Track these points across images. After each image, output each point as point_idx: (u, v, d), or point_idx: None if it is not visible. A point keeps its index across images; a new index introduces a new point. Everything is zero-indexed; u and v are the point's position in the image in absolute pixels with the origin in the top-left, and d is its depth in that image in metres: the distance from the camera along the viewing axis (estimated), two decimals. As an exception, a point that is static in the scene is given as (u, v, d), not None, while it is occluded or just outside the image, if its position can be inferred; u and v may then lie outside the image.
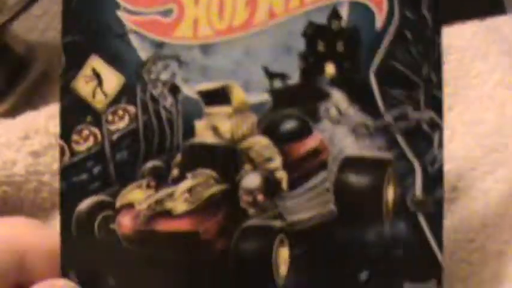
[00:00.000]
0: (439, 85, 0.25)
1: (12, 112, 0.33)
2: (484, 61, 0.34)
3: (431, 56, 0.25)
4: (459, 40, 0.35)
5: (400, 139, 0.25)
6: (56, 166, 0.31)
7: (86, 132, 0.25)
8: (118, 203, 0.25)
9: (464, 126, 0.32)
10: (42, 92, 0.37)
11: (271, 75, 0.25)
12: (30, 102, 0.34)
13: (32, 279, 0.26)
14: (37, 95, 0.36)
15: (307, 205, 0.25)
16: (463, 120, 0.32)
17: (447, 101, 0.32)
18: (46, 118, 0.31)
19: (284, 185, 0.25)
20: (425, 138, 0.25)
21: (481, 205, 0.30)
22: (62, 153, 0.26)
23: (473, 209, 0.30)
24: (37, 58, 0.38)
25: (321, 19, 0.25)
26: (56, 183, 0.30)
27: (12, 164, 0.31)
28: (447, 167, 0.30)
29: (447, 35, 0.34)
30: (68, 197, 0.25)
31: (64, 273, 0.26)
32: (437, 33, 0.25)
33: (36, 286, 0.26)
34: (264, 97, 0.25)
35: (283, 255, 0.25)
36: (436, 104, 0.25)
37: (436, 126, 0.25)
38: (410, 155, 0.25)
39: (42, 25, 0.40)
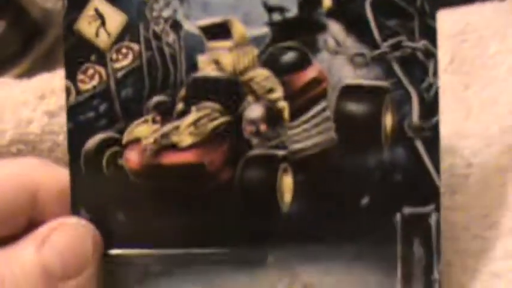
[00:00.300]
0: (432, 15, 0.26)
1: (28, 75, 0.33)
2: (501, 42, 0.34)
3: (425, -14, 0.26)
4: (478, 19, 0.35)
5: (396, 68, 0.26)
6: None
7: (91, 71, 0.26)
8: (125, 139, 0.26)
9: (480, 105, 0.32)
10: (57, 56, 0.37)
11: (270, 8, 0.26)
12: (45, 66, 0.34)
13: (44, 217, 0.27)
14: (52, 59, 0.37)
15: (308, 133, 0.26)
16: (479, 98, 0.32)
17: (464, 80, 0.33)
18: (62, 79, 0.31)
19: (286, 114, 0.26)
20: (421, 66, 0.26)
21: (496, 183, 0.30)
22: (68, 93, 0.26)
23: (488, 185, 0.30)
24: (53, 23, 0.39)
25: (317, -48, 0.26)
26: None
27: (28, 123, 0.31)
28: (462, 143, 0.31)
29: (467, 13, 0.35)
30: (76, 135, 0.26)
31: (75, 210, 0.26)
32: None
33: (48, 224, 0.27)
34: (264, 30, 0.26)
35: (287, 182, 0.26)
36: (430, 34, 0.26)
37: (431, 54, 0.26)
38: (406, 82, 0.26)
39: None
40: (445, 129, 0.30)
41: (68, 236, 0.26)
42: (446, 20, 0.34)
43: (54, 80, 0.31)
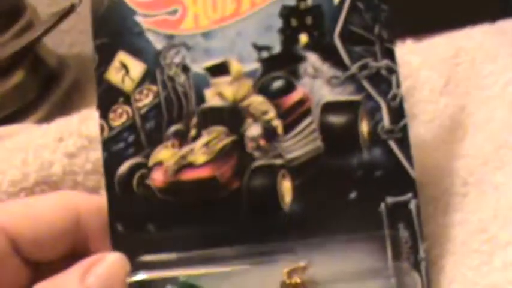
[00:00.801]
0: (390, 40, 0.32)
1: (46, 120, 0.37)
2: (494, 62, 0.35)
3: (380, 19, 0.32)
4: (470, 43, 0.36)
5: (366, 84, 0.32)
6: (88, 167, 0.35)
7: (119, 110, 0.32)
8: (150, 162, 0.32)
9: (475, 124, 0.34)
10: (73, 101, 0.42)
11: (259, 48, 0.32)
12: (62, 111, 0.37)
13: (86, 237, 0.32)
14: (69, 104, 0.41)
15: (299, 144, 0.31)
16: (474, 119, 0.34)
17: (460, 101, 0.34)
18: (78, 121, 0.35)
19: (280, 130, 0.32)
20: (385, 81, 0.32)
21: (492, 198, 0.31)
22: (102, 129, 0.32)
23: (484, 202, 0.31)
24: (68, 69, 0.43)
25: (291, 2, 0.32)
26: (89, 182, 0.35)
27: (50, 165, 0.35)
28: (459, 163, 0.32)
29: (459, 38, 0.36)
30: (110, 163, 0.32)
31: (112, 226, 0.31)
32: (383, 1, 0.32)
33: (91, 257, 0.30)
34: (255, 65, 0.32)
35: (286, 186, 0.31)
36: (390, 54, 0.32)
37: (393, 70, 0.32)
38: (375, 95, 0.32)
39: (69, 40, 0.45)
40: (443, 151, 0.33)
41: (109, 267, 0.30)
42: (439, 44, 0.37)
43: (72, 123, 0.35)
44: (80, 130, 0.36)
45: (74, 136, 0.35)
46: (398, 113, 0.31)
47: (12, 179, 0.35)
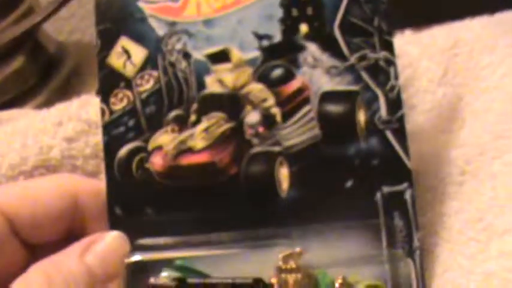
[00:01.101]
0: (389, 32, 0.32)
1: (46, 106, 0.37)
2: (492, 54, 0.35)
3: (380, 11, 0.32)
4: (469, 34, 0.36)
5: (364, 75, 0.32)
6: (87, 151, 0.35)
7: (120, 95, 0.32)
8: (150, 147, 0.32)
9: (473, 114, 0.34)
10: (73, 87, 0.42)
11: (259, 37, 0.32)
12: (61, 97, 0.37)
13: (83, 220, 0.32)
14: (68, 90, 0.41)
15: (297, 132, 0.32)
16: (472, 109, 0.34)
17: (458, 91, 0.34)
18: (78, 106, 0.35)
19: (278, 118, 0.32)
20: (383, 72, 0.32)
21: (489, 187, 0.31)
22: (103, 113, 0.32)
23: (481, 191, 0.31)
24: (67, 56, 0.43)
25: (293, -8, 0.33)
26: (88, 167, 0.36)
27: (49, 149, 0.35)
28: (456, 152, 0.32)
29: (457, 29, 0.36)
30: (110, 147, 0.32)
31: (111, 209, 0.32)
32: (382, -7, 0.33)
33: (91, 236, 0.31)
34: (256, 53, 0.32)
35: (283, 173, 0.32)
36: (389, 46, 0.32)
37: (391, 62, 0.32)
38: (373, 86, 0.32)
39: (69, 26, 0.45)
40: (441, 140, 0.33)
41: (108, 245, 0.31)
42: (438, 35, 0.37)
43: (71, 107, 0.35)
44: (80, 115, 0.36)
45: (74, 120, 0.36)
46: (395, 104, 0.32)
47: (11, 163, 0.35)
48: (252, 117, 0.32)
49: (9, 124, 0.37)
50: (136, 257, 0.31)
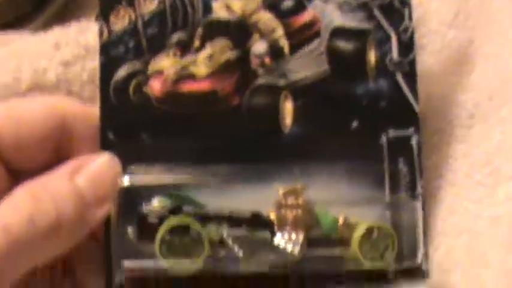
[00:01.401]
0: (405, -28, 0.31)
1: (43, 30, 0.35)
2: None
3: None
4: None
5: (377, 13, 0.31)
6: (84, 76, 0.33)
7: (122, 12, 0.31)
8: (149, 70, 0.30)
9: (484, 58, 0.33)
10: (71, 12, 0.40)
11: (272, -35, 0.31)
12: (59, 23, 0.36)
13: (71, 144, 0.30)
14: (66, 16, 0.40)
15: (305, 66, 0.31)
16: (483, 53, 0.33)
17: (468, 34, 0.33)
18: (76, 31, 0.33)
19: (286, 50, 0.31)
20: (398, 12, 0.31)
21: (497, 132, 0.31)
22: (101, 33, 0.31)
23: (490, 135, 0.31)
24: None
25: None
26: (84, 93, 0.34)
27: (44, 72, 0.33)
28: (465, 96, 0.32)
29: None
30: (107, 68, 0.30)
31: (103, 133, 0.30)
32: None
33: (80, 158, 0.29)
34: (267, -19, 0.31)
35: (287, 107, 0.30)
36: None
37: (405, 3, 0.31)
38: (386, 25, 0.31)
39: None
40: (450, 83, 0.32)
41: (99, 167, 0.29)
42: None
43: (69, 31, 0.33)
44: (78, 39, 0.34)
45: (71, 45, 0.34)
46: (407, 46, 0.31)
47: (4, 84, 0.33)
48: (259, 46, 0.31)
49: (4, 47, 0.35)
50: (129, 181, 0.29)
